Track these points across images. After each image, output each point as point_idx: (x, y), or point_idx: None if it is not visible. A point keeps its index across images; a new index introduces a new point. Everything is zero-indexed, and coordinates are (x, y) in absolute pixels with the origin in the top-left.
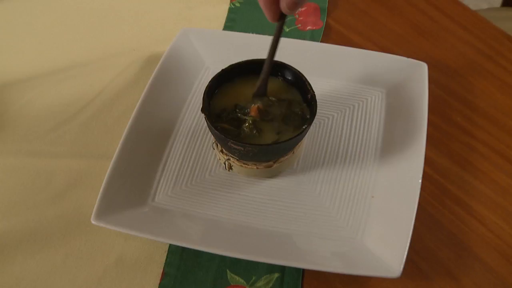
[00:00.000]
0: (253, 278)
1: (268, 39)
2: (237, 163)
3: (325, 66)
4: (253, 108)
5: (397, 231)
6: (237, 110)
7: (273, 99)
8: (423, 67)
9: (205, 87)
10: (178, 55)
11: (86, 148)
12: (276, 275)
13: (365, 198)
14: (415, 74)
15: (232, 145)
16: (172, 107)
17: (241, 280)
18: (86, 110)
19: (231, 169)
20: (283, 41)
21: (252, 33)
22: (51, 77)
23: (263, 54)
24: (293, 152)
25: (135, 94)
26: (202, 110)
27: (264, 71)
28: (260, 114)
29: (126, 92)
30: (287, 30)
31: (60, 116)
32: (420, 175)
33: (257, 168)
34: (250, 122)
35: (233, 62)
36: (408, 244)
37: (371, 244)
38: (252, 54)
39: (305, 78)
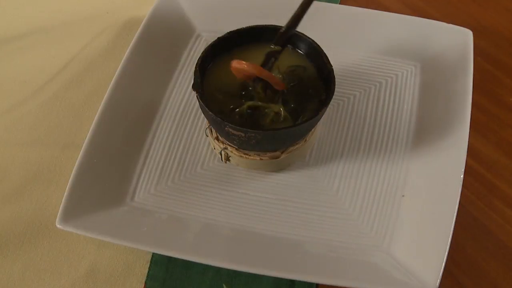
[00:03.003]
0: None
1: (273, 1)
2: (236, 153)
3: (346, 34)
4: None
5: (432, 238)
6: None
7: (279, 76)
8: (468, 35)
9: (196, 59)
10: (162, 19)
11: (48, 135)
12: None
13: (394, 197)
14: (457, 44)
15: (231, 130)
16: (156, 84)
17: None
18: (49, 87)
19: (229, 160)
20: (291, 2)
21: None
22: (4, 46)
23: (267, 19)
24: (305, 140)
25: (109, 68)
26: (194, 87)
27: (279, 35)
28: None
29: (98, 65)
30: None
31: (16, 95)
32: (462, 169)
33: (260, 159)
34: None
35: (231, 29)
36: (446, 254)
37: (400, 254)
38: (253, 19)
39: (321, 49)
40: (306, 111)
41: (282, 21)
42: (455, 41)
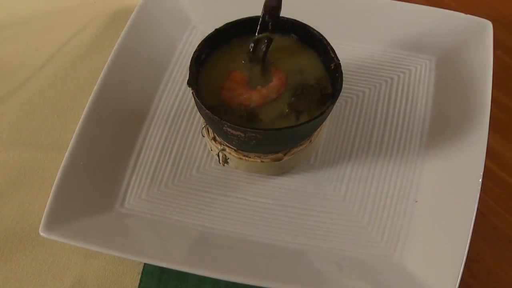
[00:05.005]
0: None
1: None
2: (235, 154)
3: (354, 25)
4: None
5: (448, 248)
6: None
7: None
8: (487, 27)
9: (191, 53)
10: (154, 10)
11: (31, 135)
12: None
13: (406, 203)
14: (476, 36)
15: (229, 129)
16: (147, 81)
17: None
18: (31, 84)
19: (227, 163)
20: None
21: None
22: None
23: None
24: (310, 141)
25: (97, 63)
26: (189, 84)
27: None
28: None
29: (84, 59)
30: None
31: None
32: (481, 173)
33: (261, 161)
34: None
35: (228, 20)
36: (462, 265)
37: (413, 265)
38: (252, 9)
39: (327, 42)
40: (311, 109)
41: (282, 11)
42: (474, 33)
